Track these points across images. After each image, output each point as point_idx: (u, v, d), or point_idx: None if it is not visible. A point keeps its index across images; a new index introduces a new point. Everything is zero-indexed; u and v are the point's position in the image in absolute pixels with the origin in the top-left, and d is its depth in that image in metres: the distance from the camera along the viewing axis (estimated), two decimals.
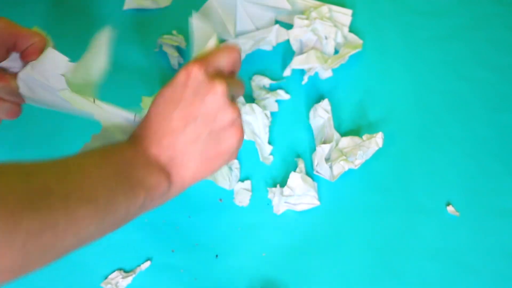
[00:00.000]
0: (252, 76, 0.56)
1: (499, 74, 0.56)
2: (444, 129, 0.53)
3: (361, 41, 0.57)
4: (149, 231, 0.49)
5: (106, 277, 0.47)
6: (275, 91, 0.55)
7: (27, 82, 0.41)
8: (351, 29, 0.57)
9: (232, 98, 0.40)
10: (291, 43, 0.56)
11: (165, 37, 0.58)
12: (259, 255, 0.48)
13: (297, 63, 0.55)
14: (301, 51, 0.56)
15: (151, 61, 0.58)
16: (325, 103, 0.52)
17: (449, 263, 0.47)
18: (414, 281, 0.46)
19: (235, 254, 0.48)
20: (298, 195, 0.49)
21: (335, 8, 0.58)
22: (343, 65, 0.55)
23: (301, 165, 0.51)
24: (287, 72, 0.56)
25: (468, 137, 0.52)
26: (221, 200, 0.50)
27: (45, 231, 0.29)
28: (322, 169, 0.50)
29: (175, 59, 0.57)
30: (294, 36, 0.56)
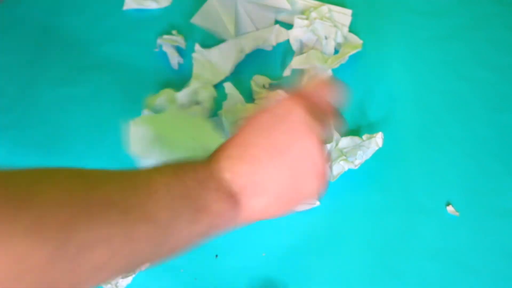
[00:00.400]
0: (252, 76, 0.56)
1: (499, 74, 0.56)
2: (444, 129, 0.53)
3: (361, 41, 0.57)
4: None
5: None
6: (275, 91, 0.55)
7: None
8: (351, 29, 0.57)
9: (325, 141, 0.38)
10: (291, 43, 0.56)
11: (165, 37, 0.58)
12: (259, 255, 0.48)
13: (297, 63, 0.55)
14: (301, 51, 0.56)
15: (151, 61, 0.58)
16: None
17: (449, 263, 0.47)
18: (414, 281, 0.46)
19: (235, 254, 0.48)
20: None
21: (335, 8, 0.58)
22: (343, 65, 0.55)
23: None
24: (287, 72, 0.56)
25: (468, 137, 0.52)
26: None
27: (99, 244, 0.27)
28: None
29: (175, 59, 0.57)
30: (294, 36, 0.56)
